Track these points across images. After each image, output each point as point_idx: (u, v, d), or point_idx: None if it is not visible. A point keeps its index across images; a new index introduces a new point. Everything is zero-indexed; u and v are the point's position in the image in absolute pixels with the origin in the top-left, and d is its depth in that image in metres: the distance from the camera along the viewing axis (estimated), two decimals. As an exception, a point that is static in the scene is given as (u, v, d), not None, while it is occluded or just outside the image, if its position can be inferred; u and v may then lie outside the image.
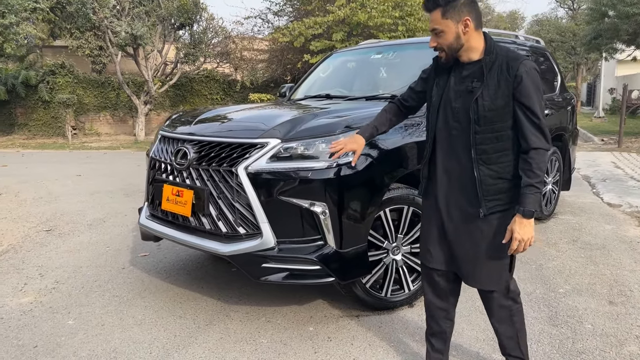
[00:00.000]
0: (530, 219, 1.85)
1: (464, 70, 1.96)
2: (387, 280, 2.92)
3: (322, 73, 4.60)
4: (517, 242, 1.86)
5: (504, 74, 1.87)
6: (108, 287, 3.46)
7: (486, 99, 1.87)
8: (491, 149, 1.91)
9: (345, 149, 2.26)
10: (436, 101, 2.03)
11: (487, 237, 1.97)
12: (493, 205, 1.93)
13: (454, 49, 1.93)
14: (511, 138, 1.90)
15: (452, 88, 1.99)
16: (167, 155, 2.98)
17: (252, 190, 2.53)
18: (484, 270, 2.01)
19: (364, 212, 2.61)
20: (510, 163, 1.92)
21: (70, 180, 7.91)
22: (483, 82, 1.88)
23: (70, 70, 16.29)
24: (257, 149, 2.59)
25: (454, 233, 2.04)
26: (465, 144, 1.94)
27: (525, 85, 1.84)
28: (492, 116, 1.88)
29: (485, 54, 1.92)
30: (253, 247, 2.55)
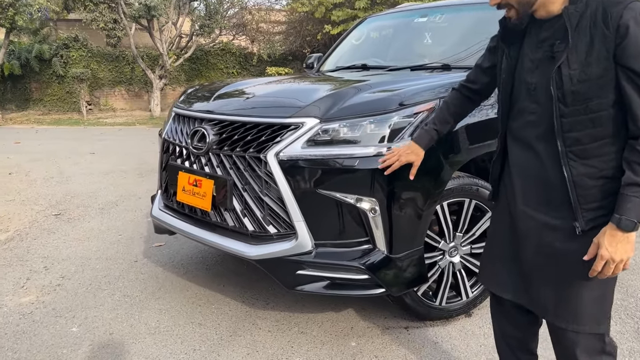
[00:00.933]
0: (630, 232, 1.29)
1: (542, 30, 1.40)
2: (442, 287, 2.46)
3: (355, 40, 4.06)
4: (604, 262, 1.31)
5: (599, 27, 1.27)
6: (118, 284, 3.07)
7: (574, 66, 1.29)
8: (586, 137, 1.33)
9: (401, 162, 1.87)
10: (507, 78, 1.49)
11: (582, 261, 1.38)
12: (595, 216, 1.35)
13: (526, 3, 1.37)
14: (615, 119, 1.32)
15: (526, 57, 1.44)
16: (183, 137, 2.52)
17: (285, 182, 2.07)
18: (573, 304, 1.44)
19: (422, 208, 2.13)
20: (615, 155, 1.34)
21: (83, 159, 7.57)
22: (568, 43, 1.30)
23: (84, 43, 15.89)
24: (290, 131, 2.12)
25: (532, 254, 1.49)
26: (547, 133, 1.39)
27: (634, 41, 1.24)
28: (584, 90, 1.30)
29: (569, 2, 1.33)
30: (286, 251, 2.10)
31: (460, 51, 3.14)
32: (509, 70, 1.48)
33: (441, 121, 1.87)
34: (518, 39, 1.46)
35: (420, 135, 1.91)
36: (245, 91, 2.62)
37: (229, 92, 2.64)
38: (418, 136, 1.92)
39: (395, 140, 2.06)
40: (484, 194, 2.44)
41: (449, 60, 3.09)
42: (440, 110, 1.88)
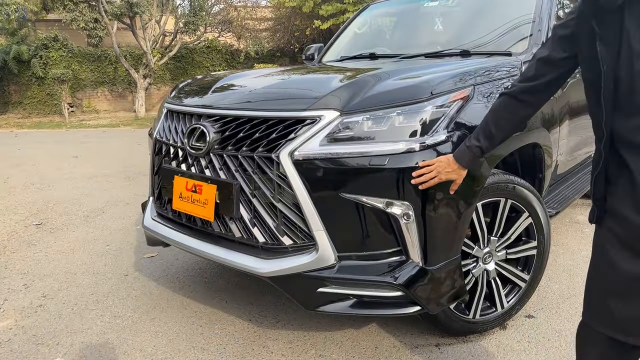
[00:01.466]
0: None
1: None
2: (476, 298, 2.18)
3: (358, 29, 3.77)
4: None
5: None
6: (108, 303, 2.74)
7: None
8: None
9: (440, 179, 1.64)
10: (609, 67, 1.17)
11: None
12: None
13: None
14: None
15: (634, 38, 1.13)
16: (178, 137, 2.21)
17: (302, 185, 1.77)
18: None
19: (461, 210, 1.84)
20: None
21: (66, 163, 7.17)
22: None
23: (64, 43, 15.34)
24: (306, 126, 1.82)
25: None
26: None
27: None
28: None
29: None
30: (305, 266, 1.80)
31: (479, 37, 2.87)
32: (607, 58, 1.16)
33: (486, 136, 1.60)
34: (616, 15, 1.15)
35: (461, 152, 1.67)
36: (248, 82, 2.31)
37: (229, 83, 2.33)
38: (459, 154, 1.68)
39: (429, 134, 1.77)
40: (520, 192, 2.17)
41: (468, 47, 2.82)
42: (485, 123, 1.60)
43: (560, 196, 3.01)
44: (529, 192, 2.19)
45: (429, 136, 1.77)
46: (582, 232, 3.56)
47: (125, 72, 14.99)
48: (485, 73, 2.10)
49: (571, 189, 3.17)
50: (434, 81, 1.88)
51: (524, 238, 2.29)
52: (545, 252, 2.33)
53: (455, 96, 1.87)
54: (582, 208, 4.12)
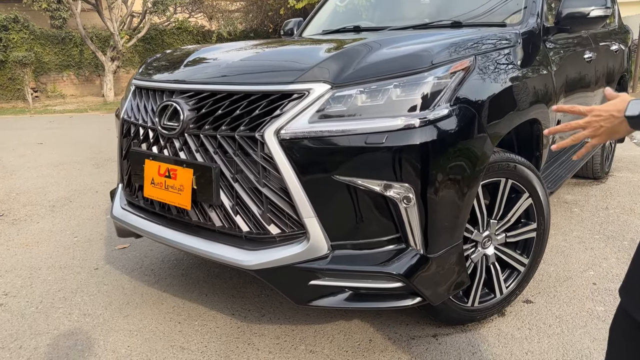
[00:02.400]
0: None
1: None
2: (474, 284, 2.05)
3: (339, 2, 3.55)
4: None
5: None
6: (76, 300, 2.52)
7: None
8: None
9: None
10: None
11: None
12: None
13: None
14: None
15: None
16: (148, 116, 1.98)
17: (289, 167, 1.58)
18: None
19: (464, 192, 1.69)
20: None
21: (29, 150, 6.77)
22: None
23: (25, 25, 14.53)
24: (293, 101, 1.62)
25: None
26: None
27: None
28: None
29: None
30: (295, 256, 1.62)
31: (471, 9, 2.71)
32: None
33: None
34: None
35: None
36: (224, 55, 2.08)
37: (203, 56, 2.10)
38: None
39: (430, 108, 1.60)
40: (521, 171, 2.04)
41: (458, 18, 2.65)
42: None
43: (553, 175, 2.91)
44: (530, 171, 2.06)
45: (430, 110, 1.60)
46: (571, 211, 3.48)
47: (91, 54, 14.36)
48: (485, 43, 1.94)
49: (563, 167, 3.07)
50: (434, 50, 1.71)
51: (523, 220, 2.17)
52: (545, 233, 2.22)
53: (456, 66, 1.70)
54: (569, 187, 4.06)
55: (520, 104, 1.99)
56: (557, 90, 2.47)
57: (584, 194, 3.87)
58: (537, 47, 2.37)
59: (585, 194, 3.89)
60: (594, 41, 3.34)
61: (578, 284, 2.48)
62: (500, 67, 1.92)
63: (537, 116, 2.19)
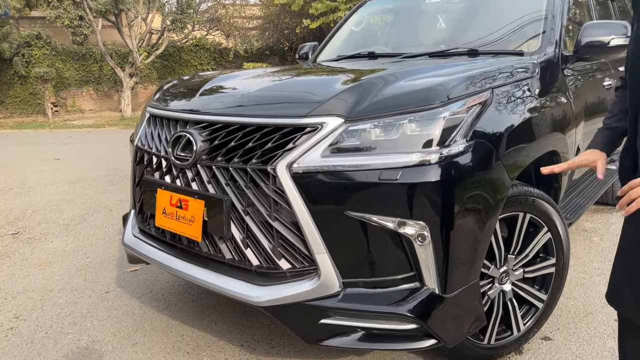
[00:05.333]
0: None
1: None
2: (491, 321, 1.99)
3: (354, 27, 3.56)
4: None
5: None
6: (86, 325, 2.50)
7: None
8: None
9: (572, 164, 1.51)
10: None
11: None
12: None
13: None
14: None
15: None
16: (161, 145, 1.98)
17: (301, 201, 1.56)
18: None
19: (482, 229, 1.64)
20: None
21: (47, 166, 6.87)
22: None
23: (48, 41, 14.92)
24: (306, 135, 1.61)
25: None
26: None
27: None
28: None
29: None
30: (305, 293, 1.59)
31: (487, 34, 2.68)
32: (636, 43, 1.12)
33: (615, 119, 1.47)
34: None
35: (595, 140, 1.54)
36: (240, 84, 2.08)
37: (219, 85, 2.10)
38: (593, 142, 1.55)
39: (446, 144, 1.57)
40: (540, 205, 1.98)
41: (475, 45, 2.62)
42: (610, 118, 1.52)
43: (572, 205, 2.83)
44: (549, 204, 2.01)
45: (445, 146, 1.56)
46: (590, 240, 3.39)
47: (110, 70, 14.64)
48: (503, 75, 1.91)
49: (582, 196, 3.00)
50: (450, 84, 1.68)
51: (541, 255, 2.10)
52: (564, 269, 2.14)
53: (473, 100, 1.67)
54: (588, 214, 3.96)
55: (538, 136, 1.95)
56: (577, 120, 2.42)
57: (604, 222, 3.77)
58: (555, 76, 2.33)
59: (605, 221, 3.79)
60: (613, 67, 3.29)
61: (599, 320, 2.39)
62: (518, 100, 1.88)
63: (555, 147, 2.13)
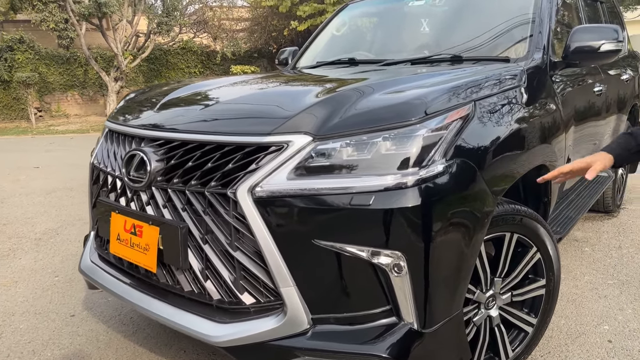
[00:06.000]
0: None
1: None
2: (477, 350, 1.84)
3: (336, 31, 3.41)
4: None
5: None
6: (46, 354, 2.33)
7: None
8: None
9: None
10: None
11: None
12: None
13: None
14: None
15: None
16: (116, 164, 1.81)
17: (265, 229, 1.40)
18: None
19: (463, 258, 1.50)
20: None
21: (25, 175, 6.65)
22: None
23: (31, 45, 14.63)
24: (270, 155, 1.45)
25: None
26: None
27: None
28: None
29: None
30: (270, 332, 1.43)
31: (472, 39, 2.55)
32: None
33: None
34: None
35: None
36: (205, 96, 1.92)
37: (181, 97, 1.93)
38: None
39: (424, 164, 1.42)
40: (528, 224, 1.84)
41: (459, 51, 2.49)
42: None
43: (562, 217, 2.70)
44: (537, 223, 1.87)
45: (423, 167, 1.41)
46: (582, 251, 3.27)
47: (96, 74, 14.40)
48: (486, 85, 1.77)
49: (573, 208, 2.87)
50: (428, 97, 1.53)
51: (530, 276, 1.96)
52: (555, 290, 2.01)
53: (453, 115, 1.52)
54: (579, 222, 3.84)
55: (526, 150, 1.81)
56: (566, 129, 2.28)
57: (595, 231, 3.65)
58: (543, 84, 2.19)
59: (597, 230, 3.67)
60: (604, 72, 3.17)
61: (592, 341, 2.26)
62: (503, 112, 1.74)
63: (544, 161, 2.00)
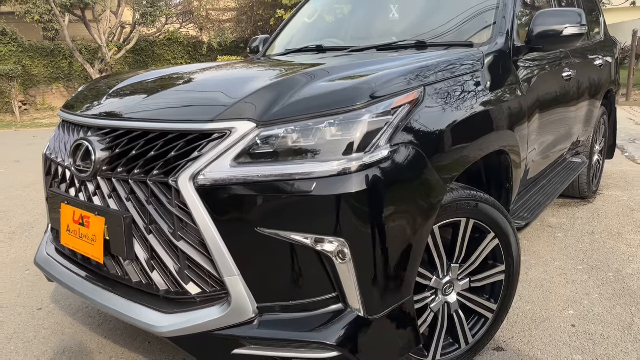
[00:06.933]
0: None
1: None
2: (435, 336, 1.84)
3: (307, 19, 3.37)
4: None
5: None
6: (9, 348, 2.30)
7: None
8: None
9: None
10: None
11: None
12: None
13: None
14: None
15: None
16: (65, 154, 1.78)
17: (208, 218, 1.38)
18: None
19: (411, 243, 1.48)
20: None
21: (4, 168, 6.58)
22: None
23: (14, 37, 14.42)
24: (213, 142, 1.42)
25: None
26: None
27: None
28: None
29: None
30: (214, 322, 1.41)
31: (438, 26, 2.53)
32: None
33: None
34: None
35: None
36: (153, 84, 1.88)
37: (130, 86, 1.89)
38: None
39: (368, 149, 1.40)
40: (484, 210, 1.83)
41: (425, 37, 2.46)
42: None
43: (531, 203, 2.70)
44: (495, 209, 1.86)
45: (367, 153, 1.39)
46: (554, 237, 3.27)
47: (81, 66, 14.23)
48: (439, 69, 1.74)
49: (542, 194, 2.87)
50: (375, 82, 1.51)
51: (490, 262, 1.96)
52: (515, 276, 2.00)
53: (400, 100, 1.50)
54: (554, 209, 3.86)
55: (481, 135, 1.79)
56: (529, 114, 2.27)
57: (570, 217, 3.66)
58: (505, 69, 2.18)
59: (572, 216, 3.68)
60: (575, 57, 3.15)
61: (556, 326, 2.27)
62: (457, 97, 1.72)
63: (502, 146, 1.98)
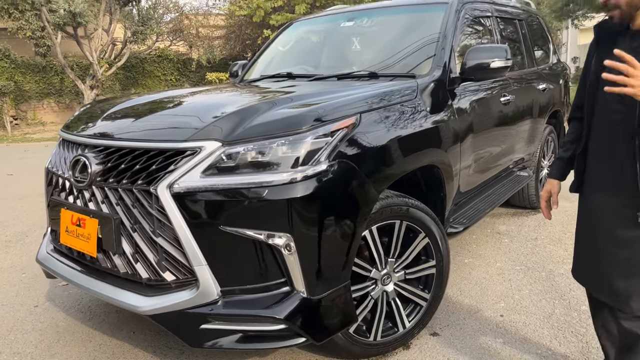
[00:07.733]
0: None
1: (635, 40, 1.50)
2: (376, 320, 2.20)
3: (281, 47, 3.77)
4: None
5: None
6: (9, 338, 2.61)
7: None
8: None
9: None
10: (594, 78, 1.62)
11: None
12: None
13: (635, 6, 1.46)
14: None
15: None
16: (65, 168, 2.13)
17: (181, 219, 1.74)
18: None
19: (346, 239, 1.85)
20: None
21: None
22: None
23: (6, 54, 14.70)
24: (186, 158, 1.79)
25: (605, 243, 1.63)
26: (627, 132, 1.52)
27: None
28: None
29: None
30: (186, 302, 1.77)
31: (388, 57, 2.93)
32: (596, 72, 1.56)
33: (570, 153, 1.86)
34: (610, 44, 1.52)
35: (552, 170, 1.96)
36: (142, 109, 2.26)
37: (122, 110, 2.27)
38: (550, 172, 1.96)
39: (311, 163, 1.77)
40: (414, 213, 2.21)
41: (376, 68, 2.86)
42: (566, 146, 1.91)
43: (472, 210, 3.08)
44: (423, 213, 2.24)
45: (309, 166, 1.77)
46: (501, 242, 3.66)
47: (72, 82, 14.52)
48: (376, 99, 2.14)
49: (485, 202, 3.25)
50: (318, 110, 1.89)
51: (422, 257, 2.33)
52: (444, 270, 2.38)
53: (339, 125, 1.89)
54: (506, 217, 4.25)
55: (410, 153, 2.18)
56: (462, 135, 2.66)
57: (518, 225, 4.06)
58: (440, 97, 2.57)
59: (520, 224, 4.08)
60: (518, 83, 3.58)
61: (487, 316, 2.64)
62: (390, 122, 2.11)
63: (433, 162, 2.37)
